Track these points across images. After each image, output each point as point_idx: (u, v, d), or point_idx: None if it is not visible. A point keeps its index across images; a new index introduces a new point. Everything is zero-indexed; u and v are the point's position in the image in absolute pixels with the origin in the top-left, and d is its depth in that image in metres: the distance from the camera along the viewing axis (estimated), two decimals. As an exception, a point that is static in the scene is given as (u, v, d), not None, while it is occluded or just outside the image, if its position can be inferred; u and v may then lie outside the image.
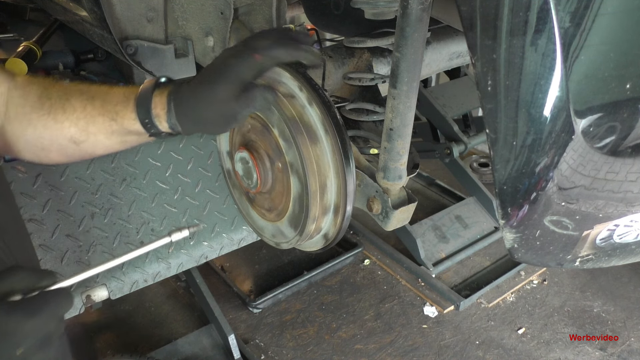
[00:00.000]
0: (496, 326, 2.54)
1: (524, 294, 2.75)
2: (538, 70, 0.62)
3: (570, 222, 0.75)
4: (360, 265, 2.93)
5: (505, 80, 0.65)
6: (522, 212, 0.73)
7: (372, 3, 1.04)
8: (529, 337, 2.48)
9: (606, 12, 0.61)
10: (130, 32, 1.67)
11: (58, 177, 1.56)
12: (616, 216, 0.78)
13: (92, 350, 2.37)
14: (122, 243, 1.60)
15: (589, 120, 0.65)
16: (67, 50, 2.17)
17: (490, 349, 2.41)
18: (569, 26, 0.60)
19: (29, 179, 1.52)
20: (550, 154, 0.67)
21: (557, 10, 0.59)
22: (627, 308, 2.63)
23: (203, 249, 1.73)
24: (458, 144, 2.77)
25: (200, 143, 1.78)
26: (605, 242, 0.82)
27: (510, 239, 0.78)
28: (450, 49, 1.56)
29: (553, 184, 0.69)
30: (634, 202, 0.76)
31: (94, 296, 1.54)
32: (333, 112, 1.00)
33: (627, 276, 2.84)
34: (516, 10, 0.61)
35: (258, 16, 1.35)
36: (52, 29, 2.31)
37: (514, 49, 0.63)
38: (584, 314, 2.60)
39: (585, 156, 0.68)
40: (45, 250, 1.50)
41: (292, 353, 2.37)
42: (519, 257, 0.82)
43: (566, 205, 0.73)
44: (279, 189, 1.17)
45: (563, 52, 0.61)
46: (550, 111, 0.64)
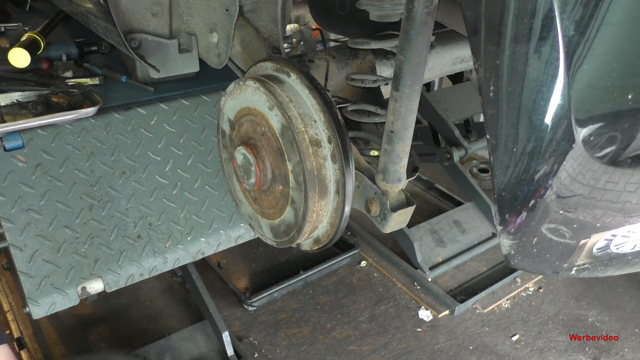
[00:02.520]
0: (490, 332, 2.54)
1: (519, 301, 2.75)
2: (541, 77, 0.62)
3: (568, 230, 0.75)
4: (356, 267, 2.93)
5: (508, 87, 0.65)
6: (520, 219, 0.73)
7: (377, 5, 1.04)
8: (523, 344, 2.48)
9: (611, 22, 0.61)
10: (134, 25, 1.67)
11: (57, 168, 1.56)
12: (614, 226, 0.78)
13: (86, 342, 2.36)
14: (119, 236, 1.60)
15: (589, 130, 0.65)
16: (71, 42, 2.17)
17: (484, 355, 2.41)
18: (573, 34, 0.60)
19: (29, 169, 1.52)
20: (550, 162, 0.67)
21: (562, 18, 0.59)
22: (622, 318, 2.63)
23: (200, 245, 1.73)
24: (459, 148, 2.77)
25: (201, 139, 1.78)
26: (602, 251, 0.82)
27: (508, 245, 0.78)
28: (454, 53, 1.57)
29: (552, 192, 0.69)
30: (632, 213, 0.76)
31: (89, 288, 1.54)
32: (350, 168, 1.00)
33: (623, 286, 2.84)
34: (521, 16, 0.61)
35: (263, 14, 1.35)
36: (56, 20, 2.31)
37: (517, 56, 0.63)
38: (579, 322, 2.60)
39: (584, 165, 0.67)
40: (43, 240, 1.50)
41: (286, 352, 2.37)
42: (516, 264, 0.82)
43: (564, 213, 0.73)
44: (272, 201, 1.17)
45: (566, 60, 0.61)
46: (551, 119, 0.64)
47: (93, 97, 1.71)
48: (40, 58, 2.06)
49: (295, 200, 1.07)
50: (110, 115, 1.68)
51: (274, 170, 1.12)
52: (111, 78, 2.00)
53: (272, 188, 1.15)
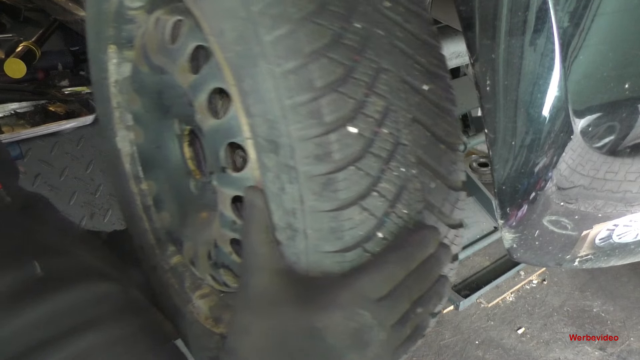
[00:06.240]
0: (496, 326, 2.54)
1: (524, 294, 2.75)
2: (537, 70, 0.62)
3: (569, 222, 0.75)
4: (359, 265, 2.93)
5: (504, 80, 0.65)
6: (521, 212, 0.73)
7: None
8: (529, 336, 2.48)
9: (605, 12, 0.61)
10: (129, 32, 1.67)
11: (57, 177, 1.56)
12: (615, 216, 0.78)
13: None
14: (121, 243, 1.60)
15: (587, 120, 0.65)
16: (67, 51, 2.17)
17: (490, 349, 2.41)
18: (567, 26, 0.60)
19: (28, 179, 1.52)
20: (549, 154, 0.67)
21: (556, 10, 0.59)
22: (626, 308, 2.63)
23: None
24: (457, 143, 2.77)
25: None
26: (604, 242, 0.82)
27: (509, 238, 0.78)
28: (449, 48, 1.56)
29: (552, 184, 0.69)
30: (633, 202, 0.76)
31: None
32: None
33: (627, 276, 2.84)
34: (515, 10, 0.61)
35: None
36: (51, 29, 2.31)
37: (512, 49, 0.63)
38: (584, 313, 2.60)
39: (584, 156, 0.67)
40: (45, 250, 1.50)
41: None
42: (518, 257, 0.82)
43: (565, 205, 0.73)
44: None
45: (562, 52, 0.61)
46: (549, 111, 0.64)
47: (90, 105, 1.71)
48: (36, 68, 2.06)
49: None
50: (108, 122, 1.68)
51: None
52: (108, 85, 1.99)
53: None
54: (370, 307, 0.64)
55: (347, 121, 0.62)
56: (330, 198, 0.64)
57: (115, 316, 0.80)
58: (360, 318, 0.63)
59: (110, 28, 1.03)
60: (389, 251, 0.67)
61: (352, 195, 0.64)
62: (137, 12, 1.00)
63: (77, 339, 0.72)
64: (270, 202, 0.69)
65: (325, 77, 0.61)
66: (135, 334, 0.81)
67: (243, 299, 0.72)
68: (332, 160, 0.63)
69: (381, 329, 0.64)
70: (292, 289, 0.68)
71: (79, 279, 0.80)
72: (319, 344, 0.63)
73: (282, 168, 0.65)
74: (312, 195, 0.64)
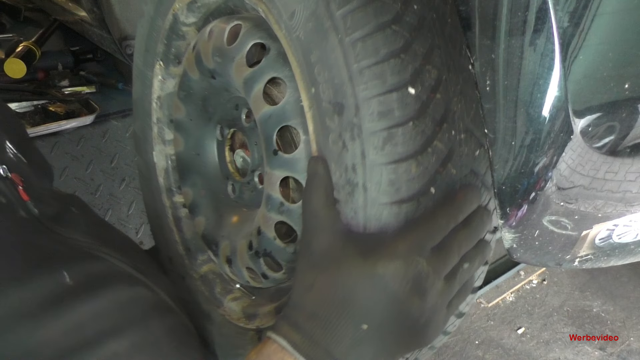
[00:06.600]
0: (496, 326, 2.54)
1: (524, 294, 2.75)
2: (537, 70, 0.62)
3: (569, 222, 0.75)
4: (359, 265, 2.92)
5: (504, 80, 0.65)
6: (521, 212, 0.73)
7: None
8: (529, 336, 2.48)
9: (605, 12, 0.61)
10: (129, 32, 1.67)
11: (57, 177, 1.56)
12: (615, 216, 0.78)
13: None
14: (121, 243, 1.60)
15: (587, 120, 0.65)
16: (67, 51, 2.17)
17: (490, 349, 2.41)
18: (567, 26, 0.60)
19: (28, 179, 1.52)
20: (549, 154, 0.67)
21: (556, 10, 0.59)
22: (626, 308, 2.63)
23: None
24: (457, 143, 2.77)
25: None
26: (604, 242, 0.82)
27: (509, 239, 0.78)
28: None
29: (552, 184, 0.69)
30: (633, 202, 0.76)
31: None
32: None
33: (627, 276, 2.84)
34: (515, 10, 0.61)
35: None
36: (51, 29, 2.31)
37: (512, 49, 0.63)
38: (584, 313, 2.60)
39: (584, 156, 0.68)
40: (45, 250, 1.50)
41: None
42: (518, 257, 0.82)
43: (565, 205, 0.73)
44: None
45: (562, 52, 0.61)
46: (549, 111, 0.64)
47: (90, 105, 1.71)
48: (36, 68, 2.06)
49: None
50: (107, 122, 1.68)
51: None
52: (107, 85, 2.00)
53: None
54: (426, 255, 0.70)
55: (407, 83, 0.70)
56: (390, 151, 0.71)
57: (141, 320, 0.82)
58: (418, 265, 0.68)
59: (160, 44, 1.09)
60: (437, 205, 0.73)
61: (409, 149, 0.71)
62: (189, 29, 1.07)
63: (101, 347, 0.74)
64: (331, 163, 0.76)
65: (389, 45, 0.70)
66: (161, 338, 0.83)
67: (306, 259, 0.76)
68: (394, 116, 0.70)
69: (436, 278, 0.70)
70: (353, 244, 0.73)
71: (106, 285, 0.82)
72: (383, 291, 0.68)
73: (346, 127, 0.73)
74: (373, 149, 0.71)
